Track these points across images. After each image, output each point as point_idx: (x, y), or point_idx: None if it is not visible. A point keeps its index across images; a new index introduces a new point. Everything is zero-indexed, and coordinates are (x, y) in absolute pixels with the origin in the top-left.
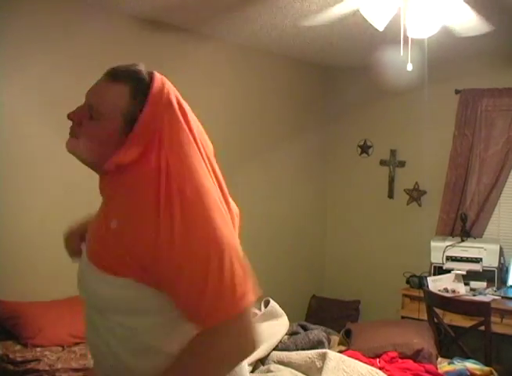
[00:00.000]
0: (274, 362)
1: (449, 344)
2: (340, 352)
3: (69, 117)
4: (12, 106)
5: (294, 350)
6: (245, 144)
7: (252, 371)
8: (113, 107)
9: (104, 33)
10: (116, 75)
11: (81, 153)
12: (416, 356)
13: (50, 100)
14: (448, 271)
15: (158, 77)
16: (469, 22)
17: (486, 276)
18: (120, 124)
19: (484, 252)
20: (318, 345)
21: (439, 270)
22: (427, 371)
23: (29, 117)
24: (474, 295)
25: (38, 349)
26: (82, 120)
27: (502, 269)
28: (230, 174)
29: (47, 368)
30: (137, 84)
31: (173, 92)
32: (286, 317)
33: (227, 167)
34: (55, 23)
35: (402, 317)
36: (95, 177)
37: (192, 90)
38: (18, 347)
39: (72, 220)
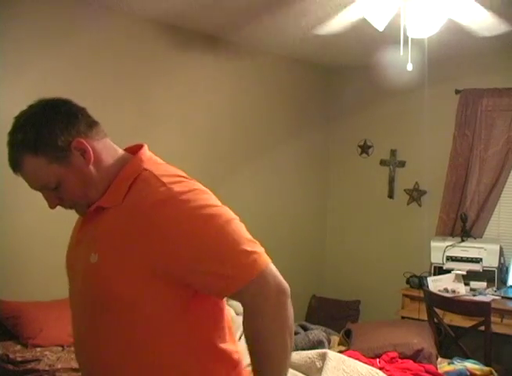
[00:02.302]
0: None
1: (449, 344)
2: (340, 352)
3: (52, 207)
4: (13, 108)
5: (294, 350)
6: (244, 144)
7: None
8: (52, 173)
9: (105, 34)
10: (15, 162)
11: (89, 206)
12: (416, 356)
13: None
14: (449, 271)
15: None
16: (484, 21)
17: (486, 276)
18: (59, 167)
19: (484, 252)
20: (318, 345)
21: (439, 270)
22: (427, 371)
23: None
24: (474, 295)
25: (38, 349)
26: (58, 198)
27: (502, 269)
28: (230, 174)
29: (47, 368)
30: (42, 149)
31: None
32: None
33: (227, 167)
34: (56, 24)
35: (402, 317)
36: None
37: (193, 90)
38: (18, 347)
39: (71, 220)
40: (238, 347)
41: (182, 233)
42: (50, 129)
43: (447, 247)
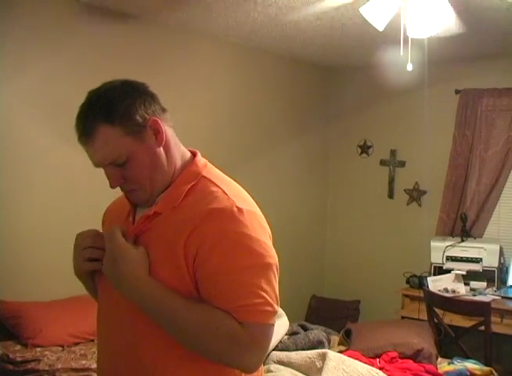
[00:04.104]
0: (274, 362)
1: (449, 344)
2: (340, 352)
3: (113, 186)
4: (13, 108)
5: (294, 350)
6: (244, 144)
7: None
8: (125, 146)
9: (104, 35)
10: (89, 130)
11: (149, 192)
12: (416, 356)
13: (50, 103)
14: (448, 271)
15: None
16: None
17: (486, 276)
18: (134, 142)
19: (484, 252)
20: (318, 345)
21: (439, 270)
22: (427, 371)
23: (29, 119)
24: (474, 295)
25: (38, 349)
26: (122, 176)
27: (502, 269)
28: (230, 174)
29: (47, 368)
30: (119, 119)
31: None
32: (286, 317)
33: (227, 167)
34: (56, 25)
35: (402, 317)
36: (94, 178)
37: (193, 90)
38: (18, 347)
39: (71, 221)
40: None
41: (219, 250)
42: (130, 102)
43: (447, 247)
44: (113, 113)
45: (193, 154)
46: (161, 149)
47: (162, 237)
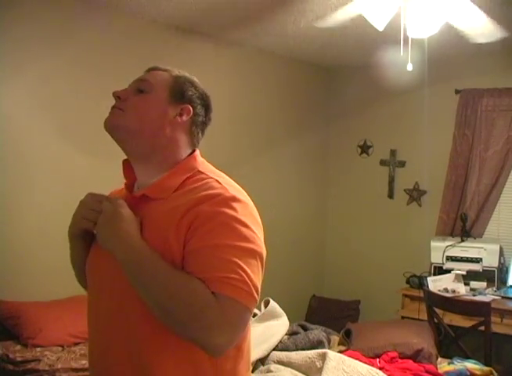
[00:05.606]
0: (274, 362)
1: (449, 344)
2: (340, 352)
3: (115, 94)
4: (13, 107)
5: (294, 350)
6: (244, 144)
7: (252, 371)
8: (161, 80)
9: (105, 34)
10: (158, 70)
11: (127, 122)
12: (416, 356)
13: (50, 102)
14: (449, 271)
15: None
16: (481, 27)
17: (486, 276)
18: (167, 96)
19: (484, 252)
20: (318, 345)
21: (439, 270)
22: (427, 371)
23: (29, 118)
24: (474, 295)
25: (38, 349)
26: (129, 95)
27: (502, 269)
28: (230, 174)
29: (47, 368)
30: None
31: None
32: (286, 317)
33: (227, 166)
34: (56, 24)
35: (402, 317)
36: (94, 178)
37: None
38: (18, 347)
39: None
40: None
41: (207, 227)
42: (194, 86)
43: (447, 247)
44: (180, 81)
45: (192, 151)
46: (167, 127)
47: (154, 223)
